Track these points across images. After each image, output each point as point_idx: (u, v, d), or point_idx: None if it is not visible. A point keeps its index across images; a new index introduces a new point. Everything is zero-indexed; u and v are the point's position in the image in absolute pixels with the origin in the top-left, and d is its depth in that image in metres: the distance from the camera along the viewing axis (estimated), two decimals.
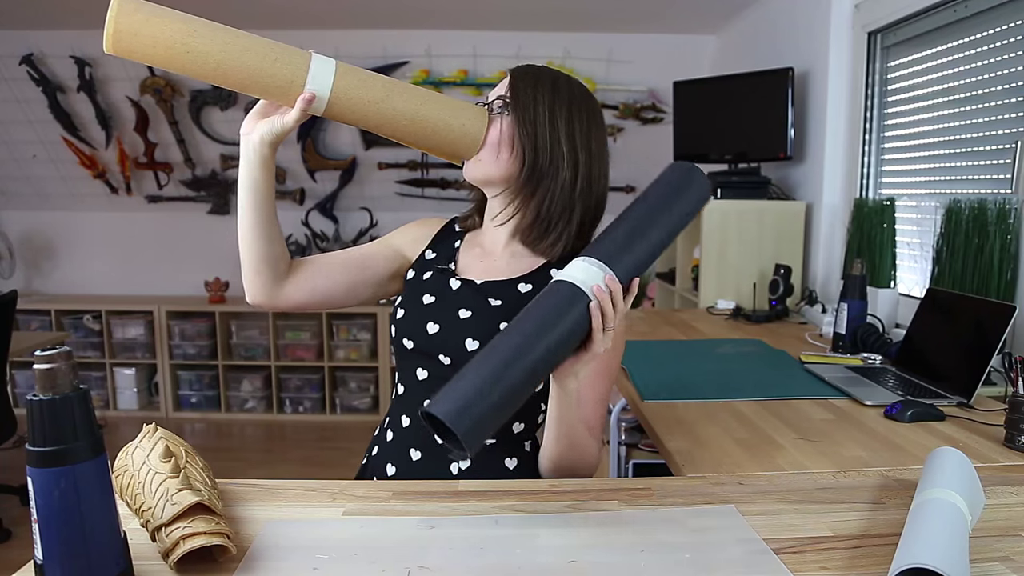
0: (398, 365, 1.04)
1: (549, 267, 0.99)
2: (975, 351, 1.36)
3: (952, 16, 1.85)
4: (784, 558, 0.69)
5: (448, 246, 1.06)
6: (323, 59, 0.87)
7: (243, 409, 3.91)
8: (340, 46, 3.53)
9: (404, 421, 1.00)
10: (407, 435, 1.00)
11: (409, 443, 0.99)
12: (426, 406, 0.71)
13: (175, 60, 0.81)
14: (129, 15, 0.78)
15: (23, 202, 4.02)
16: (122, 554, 0.63)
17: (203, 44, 0.82)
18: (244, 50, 0.83)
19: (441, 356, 0.96)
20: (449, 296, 0.98)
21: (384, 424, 1.06)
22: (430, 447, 0.97)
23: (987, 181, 1.74)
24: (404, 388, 1.02)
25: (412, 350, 0.98)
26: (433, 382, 0.97)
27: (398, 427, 1.01)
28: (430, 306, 0.98)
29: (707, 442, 1.14)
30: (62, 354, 0.59)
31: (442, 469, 0.97)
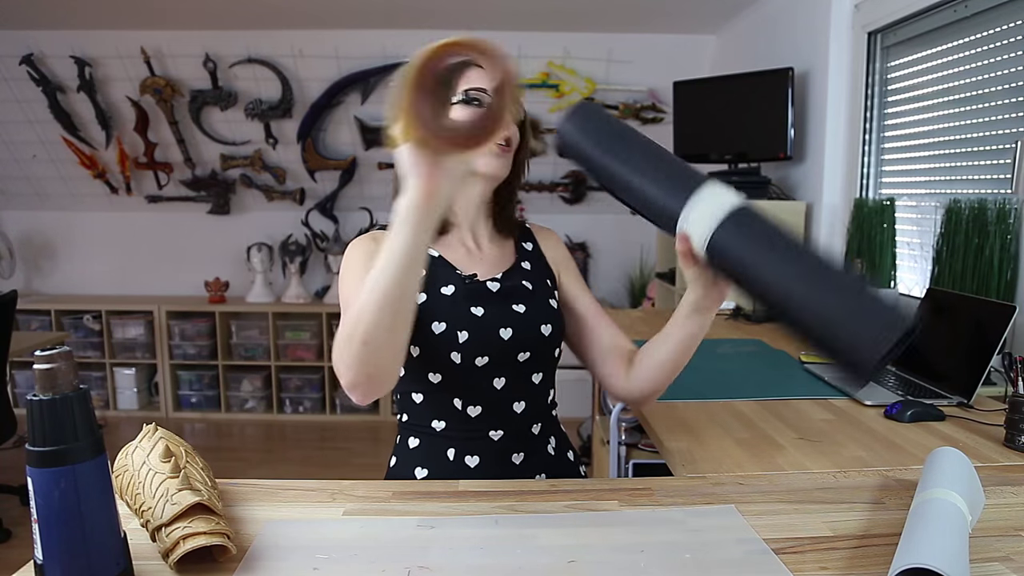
0: (459, 388, 0.97)
1: (520, 242, 1.07)
2: (975, 351, 1.36)
3: (952, 16, 1.85)
4: (784, 558, 0.69)
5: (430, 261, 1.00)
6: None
7: (243, 409, 3.91)
8: (340, 46, 3.54)
9: (494, 436, 0.98)
10: (503, 448, 0.98)
11: (509, 452, 0.98)
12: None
13: None
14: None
15: (23, 202, 4.02)
16: (122, 554, 0.63)
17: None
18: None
19: (520, 356, 0.97)
20: (495, 299, 0.98)
21: (451, 457, 0.98)
22: (528, 443, 1.01)
23: (987, 181, 1.74)
24: (481, 407, 0.97)
25: (486, 364, 0.95)
26: (512, 384, 0.98)
27: (488, 447, 0.98)
28: (485, 317, 0.95)
29: (707, 442, 1.14)
30: (62, 354, 0.59)
31: (541, 459, 1.02)
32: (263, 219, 4.02)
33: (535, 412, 1.01)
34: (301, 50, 3.55)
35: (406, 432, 1.02)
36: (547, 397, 1.04)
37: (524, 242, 1.07)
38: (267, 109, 3.64)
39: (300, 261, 3.93)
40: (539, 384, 1.01)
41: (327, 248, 3.94)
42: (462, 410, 0.97)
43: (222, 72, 3.60)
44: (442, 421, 0.98)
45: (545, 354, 1.00)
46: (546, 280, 1.04)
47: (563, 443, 1.07)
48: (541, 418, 1.02)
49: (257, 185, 3.90)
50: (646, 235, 3.99)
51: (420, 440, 0.99)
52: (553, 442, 1.04)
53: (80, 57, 3.51)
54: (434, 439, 0.98)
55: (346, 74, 3.61)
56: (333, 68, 3.60)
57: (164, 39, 3.51)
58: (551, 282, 1.05)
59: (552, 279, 1.05)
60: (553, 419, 1.06)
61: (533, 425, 1.01)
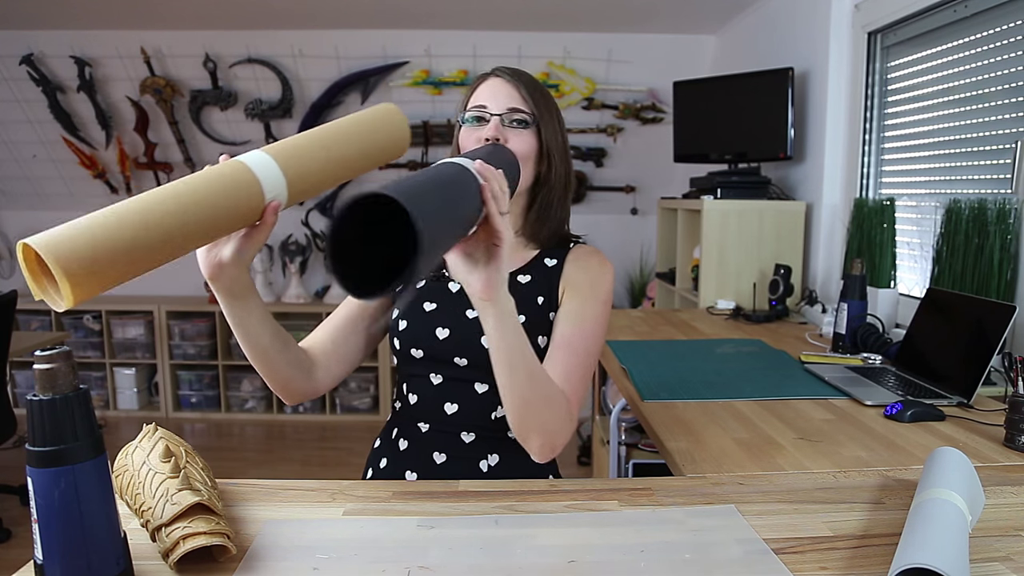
0: (404, 376, 1.04)
1: (543, 256, 1.03)
2: (975, 351, 1.36)
3: (952, 16, 1.85)
4: (784, 558, 0.69)
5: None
6: (260, 158, 0.78)
7: (243, 409, 3.91)
8: (340, 46, 3.54)
9: (423, 427, 1.01)
10: (428, 440, 1.00)
11: (432, 448, 1.00)
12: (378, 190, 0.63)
13: (134, 273, 0.70)
14: (75, 282, 0.62)
15: (23, 202, 4.02)
16: (122, 554, 0.63)
17: (149, 251, 0.70)
18: (186, 215, 0.71)
19: (456, 359, 0.98)
20: (451, 300, 1.00)
21: (392, 435, 1.05)
22: (455, 448, 0.99)
23: (987, 181, 1.74)
24: (418, 396, 1.02)
25: (423, 358, 0.99)
26: (449, 385, 0.99)
27: (415, 434, 1.01)
28: (433, 313, 1.00)
29: (707, 442, 1.14)
30: (62, 354, 0.59)
31: (470, 468, 0.99)
32: None
33: (469, 420, 0.98)
34: (301, 50, 3.55)
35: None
36: (491, 411, 0.98)
37: (550, 258, 1.02)
38: (267, 109, 3.64)
39: (300, 261, 3.94)
40: (483, 395, 0.98)
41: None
42: (406, 395, 1.04)
43: (222, 72, 3.60)
44: (399, 401, 1.06)
45: (487, 365, 0.85)
46: (537, 298, 0.99)
47: (513, 467, 0.99)
48: (477, 430, 0.99)
49: None
50: (646, 235, 4.00)
51: (392, 414, 1.09)
52: (492, 459, 0.99)
53: (80, 57, 3.51)
54: (394, 417, 1.08)
55: (346, 74, 3.61)
56: (333, 68, 3.60)
57: (164, 39, 3.51)
58: (544, 300, 0.99)
59: (552, 298, 0.99)
60: (497, 438, 0.99)
61: (463, 432, 0.99)
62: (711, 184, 2.61)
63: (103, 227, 0.67)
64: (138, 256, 0.67)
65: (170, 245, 0.70)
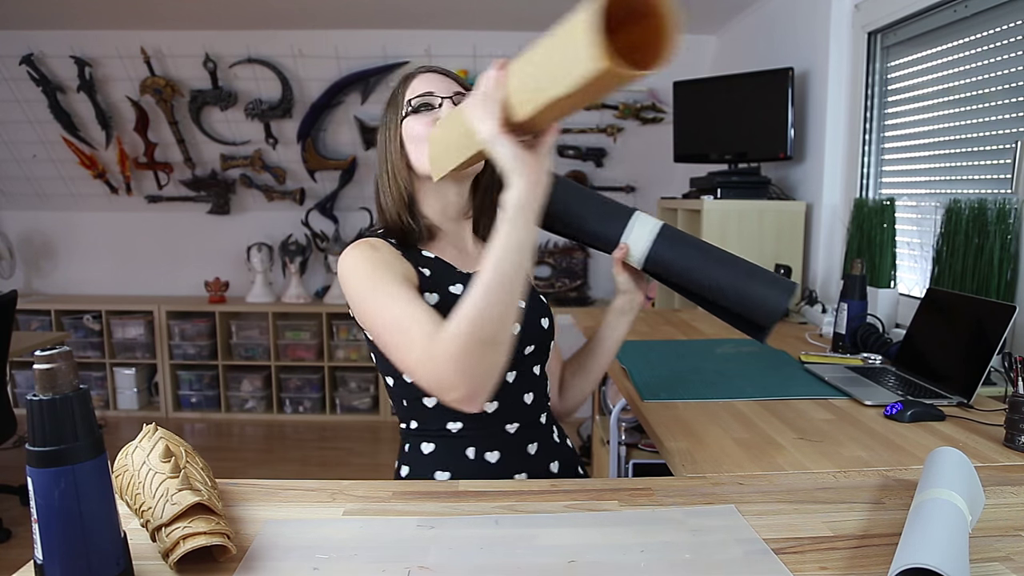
0: None
1: None
2: (975, 351, 1.36)
3: (952, 16, 1.85)
4: (784, 558, 0.69)
5: (428, 260, 0.99)
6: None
7: (243, 409, 3.91)
8: (340, 46, 3.54)
9: (511, 428, 1.00)
10: (520, 438, 1.00)
11: (525, 442, 1.01)
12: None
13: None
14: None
15: (23, 202, 4.02)
16: (122, 554, 0.63)
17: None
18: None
19: (526, 349, 1.01)
20: None
21: (472, 455, 0.98)
22: (539, 433, 1.03)
23: (987, 181, 1.74)
24: (498, 401, 0.99)
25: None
26: (522, 377, 1.01)
27: (504, 439, 1.00)
28: None
29: (707, 442, 1.14)
30: (62, 354, 0.59)
31: (549, 446, 1.04)
32: (263, 219, 4.02)
33: (541, 402, 1.04)
34: (301, 50, 3.55)
35: (417, 438, 1.00)
36: (547, 387, 1.07)
37: None
38: (267, 109, 3.64)
39: (300, 261, 3.93)
40: (539, 376, 1.04)
41: (327, 248, 3.93)
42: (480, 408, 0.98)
43: (222, 72, 3.60)
44: (458, 422, 0.98)
45: (544, 346, 1.04)
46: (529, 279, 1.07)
47: (561, 430, 1.11)
48: (545, 408, 1.06)
49: (257, 185, 3.90)
50: None
51: (436, 444, 0.99)
52: (556, 430, 1.08)
53: (80, 57, 3.51)
54: (451, 441, 0.98)
55: (346, 74, 3.61)
56: (333, 68, 3.60)
57: (164, 39, 3.51)
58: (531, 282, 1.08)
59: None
60: (549, 409, 1.09)
61: (541, 415, 1.04)
62: (711, 184, 2.61)
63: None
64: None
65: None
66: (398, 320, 0.81)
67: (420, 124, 0.97)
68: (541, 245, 3.93)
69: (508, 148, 0.72)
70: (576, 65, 0.61)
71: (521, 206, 0.73)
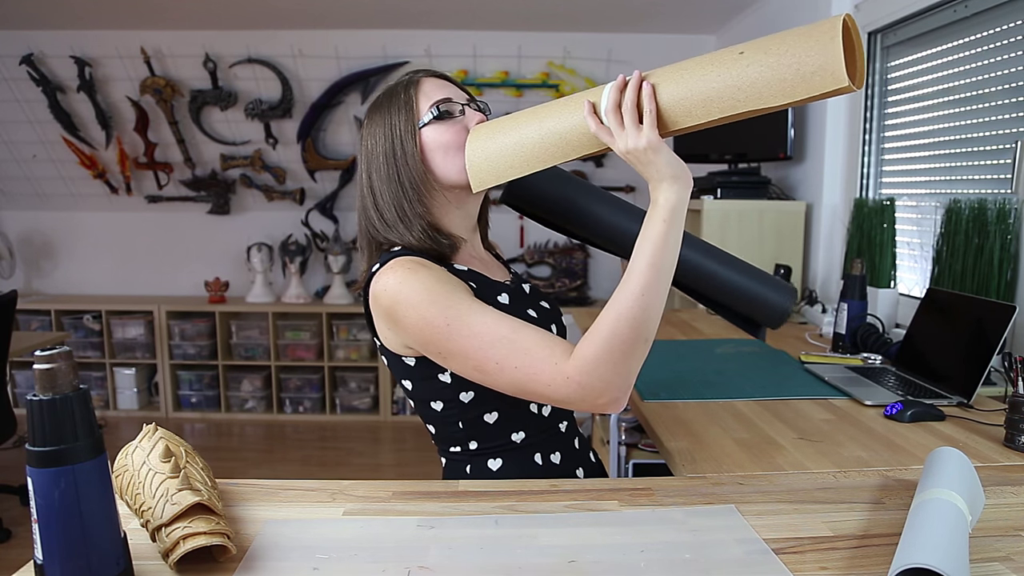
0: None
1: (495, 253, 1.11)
2: (975, 351, 1.36)
3: (952, 16, 1.85)
4: (784, 558, 0.69)
5: (464, 273, 0.94)
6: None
7: (243, 409, 3.91)
8: (340, 46, 3.54)
9: (562, 427, 1.00)
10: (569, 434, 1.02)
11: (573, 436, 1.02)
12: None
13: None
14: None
15: (23, 202, 4.02)
16: (122, 554, 0.63)
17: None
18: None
19: None
20: (531, 300, 1.00)
21: (539, 460, 0.96)
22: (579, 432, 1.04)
23: (987, 181, 1.74)
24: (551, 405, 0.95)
25: None
26: None
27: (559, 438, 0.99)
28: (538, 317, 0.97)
29: (707, 442, 1.14)
30: (62, 354, 0.59)
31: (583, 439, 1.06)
32: (263, 219, 4.02)
33: None
34: (301, 50, 3.55)
35: (481, 457, 0.96)
36: None
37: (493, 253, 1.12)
38: (267, 109, 3.64)
39: (300, 261, 3.93)
40: None
41: (327, 248, 3.93)
42: (538, 412, 0.96)
43: (222, 72, 3.60)
44: (520, 432, 0.95)
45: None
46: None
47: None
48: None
49: (257, 185, 3.90)
50: None
51: (503, 458, 0.95)
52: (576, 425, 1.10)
53: (80, 57, 3.51)
54: (518, 452, 0.95)
55: (346, 74, 3.61)
56: (333, 68, 3.60)
57: (164, 39, 3.51)
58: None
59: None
60: None
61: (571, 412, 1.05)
62: (711, 184, 2.61)
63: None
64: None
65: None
66: (510, 337, 0.80)
67: (450, 132, 0.90)
68: (541, 245, 3.93)
69: (666, 155, 0.78)
70: (808, 83, 0.71)
71: (679, 208, 0.79)
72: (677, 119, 0.79)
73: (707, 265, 1.01)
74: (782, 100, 0.74)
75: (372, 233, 0.95)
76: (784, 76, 0.72)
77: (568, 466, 0.99)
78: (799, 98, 0.73)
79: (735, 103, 0.76)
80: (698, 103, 0.77)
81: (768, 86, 0.74)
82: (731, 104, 0.76)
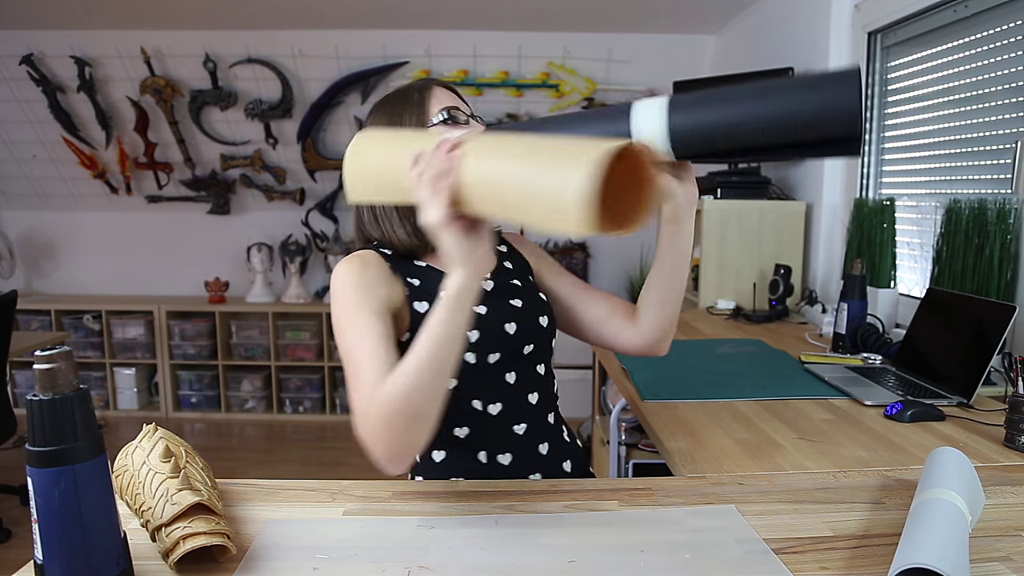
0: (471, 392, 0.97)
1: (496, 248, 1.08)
2: (975, 351, 1.36)
3: (952, 16, 1.85)
4: (784, 558, 0.69)
5: (419, 270, 0.99)
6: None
7: (243, 409, 3.91)
8: (340, 46, 3.54)
9: (519, 430, 0.99)
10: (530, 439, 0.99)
11: (536, 442, 1.00)
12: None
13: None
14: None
15: (23, 202, 4.02)
16: (122, 554, 0.63)
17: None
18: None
19: (525, 348, 0.99)
20: (493, 297, 0.99)
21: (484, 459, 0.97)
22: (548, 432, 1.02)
23: (987, 181, 1.74)
24: (501, 403, 0.97)
25: (499, 361, 0.96)
26: (525, 376, 1.00)
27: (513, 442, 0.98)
28: (491, 313, 0.97)
29: (707, 442, 1.14)
30: (62, 354, 0.59)
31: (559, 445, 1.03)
32: (263, 219, 4.02)
33: (547, 402, 1.04)
34: (301, 50, 3.55)
35: (426, 447, 0.99)
36: (553, 386, 1.07)
37: (499, 246, 1.11)
38: (267, 109, 3.64)
39: (300, 261, 3.93)
40: (544, 375, 1.04)
41: (327, 248, 3.94)
42: (483, 410, 0.97)
43: (222, 72, 3.60)
44: (464, 427, 0.97)
45: (545, 344, 1.03)
46: (528, 276, 1.08)
47: (570, 430, 1.10)
48: (552, 407, 1.05)
49: (257, 185, 3.90)
50: (646, 235, 3.99)
51: (446, 451, 0.98)
52: (564, 430, 1.07)
53: (80, 57, 3.51)
54: (461, 447, 0.97)
55: (346, 74, 3.61)
56: (333, 68, 3.60)
57: (164, 39, 3.51)
58: (532, 278, 1.09)
59: (532, 275, 1.10)
60: (558, 408, 1.09)
61: (548, 415, 1.03)
62: (711, 184, 2.61)
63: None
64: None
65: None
66: (358, 356, 0.82)
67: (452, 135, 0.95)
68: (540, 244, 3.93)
69: (454, 238, 0.72)
70: (556, 219, 0.62)
71: (462, 293, 0.74)
72: (472, 203, 0.70)
73: (732, 112, 0.77)
74: (535, 228, 0.65)
75: (361, 228, 1.02)
76: (539, 206, 0.63)
77: (520, 469, 0.97)
78: (548, 228, 0.64)
79: (505, 211, 0.67)
80: (486, 196, 0.69)
81: (532, 209, 0.64)
82: (503, 212, 0.67)
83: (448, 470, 0.98)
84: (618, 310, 1.05)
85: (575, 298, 1.09)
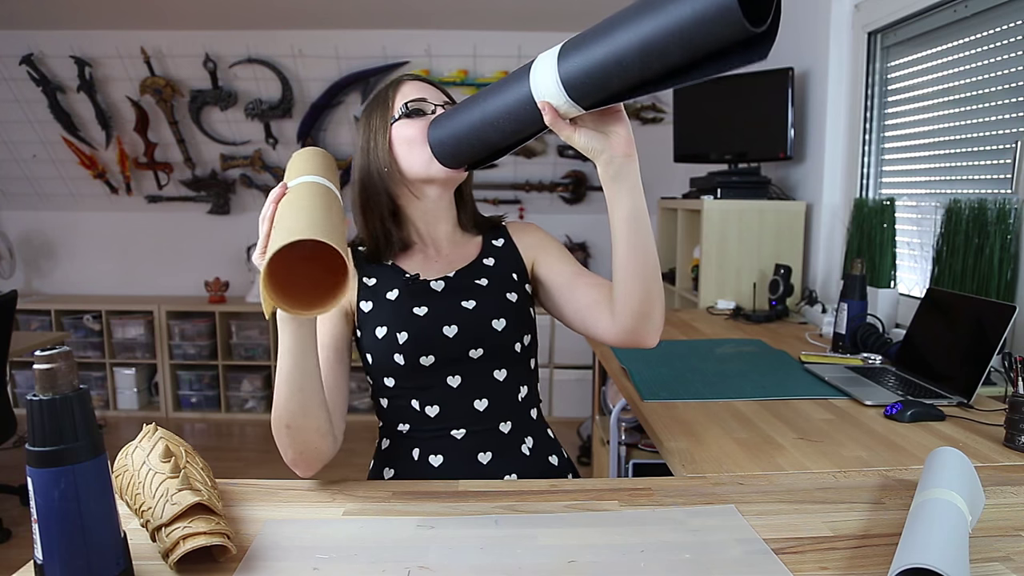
0: (408, 392, 0.98)
1: (488, 240, 1.08)
2: (975, 351, 1.36)
3: (952, 16, 1.85)
4: (784, 558, 0.69)
5: (380, 270, 1.02)
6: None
7: (243, 409, 3.91)
8: (340, 46, 3.54)
9: (458, 435, 0.97)
10: (468, 445, 0.97)
11: (476, 450, 0.98)
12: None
13: None
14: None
15: (23, 202, 4.02)
16: (122, 554, 0.63)
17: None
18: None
19: (471, 352, 0.97)
20: (440, 297, 0.99)
21: (416, 456, 0.98)
22: (497, 442, 0.99)
23: (987, 181, 1.74)
24: (439, 406, 0.97)
25: (434, 364, 0.96)
26: (471, 381, 0.98)
27: (450, 444, 0.97)
28: (429, 315, 0.97)
29: (707, 442, 1.14)
30: (62, 354, 0.59)
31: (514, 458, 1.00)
32: None
33: (501, 410, 0.99)
34: (301, 50, 3.55)
35: (380, 434, 1.05)
36: (516, 395, 1.01)
37: (495, 239, 1.08)
38: (267, 109, 3.64)
39: None
40: (504, 381, 0.99)
41: None
42: (420, 411, 0.98)
43: (222, 72, 3.60)
44: (405, 423, 0.99)
45: (503, 349, 0.98)
46: (511, 274, 1.04)
47: (545, 445, 1.04)
48: (511, 417, 1.00)
49: (257, 185, 3.90)
50: None
51: (390, 442, 1.02)
52: (529, 442, 1.02)
53: (80, 57, 3.51)
54: (401, 440, 1.00)
55: (346, 74, 3.61)
56: (333, 68, 3.60)
57: (164, 39, 3.51)
58: (518, 276, 1.04)
59: (522, 272, 1.05)
60: (530, 419, 1.03)
61: (501, 424, 0.99)
62: (711, 184, 2.61)
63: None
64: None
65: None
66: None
67: (413, 128, 0.96)
68: None
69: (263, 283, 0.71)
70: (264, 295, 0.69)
71: (281, 318, 0.79)
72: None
73: (618, 48, 0.71)
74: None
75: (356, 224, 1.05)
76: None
77: (450, 471, 0.96)
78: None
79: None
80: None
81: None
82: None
83: (385, 460, 1.02)
84: (606, 298, 0.95)
85: (566, 287, 1.01)
